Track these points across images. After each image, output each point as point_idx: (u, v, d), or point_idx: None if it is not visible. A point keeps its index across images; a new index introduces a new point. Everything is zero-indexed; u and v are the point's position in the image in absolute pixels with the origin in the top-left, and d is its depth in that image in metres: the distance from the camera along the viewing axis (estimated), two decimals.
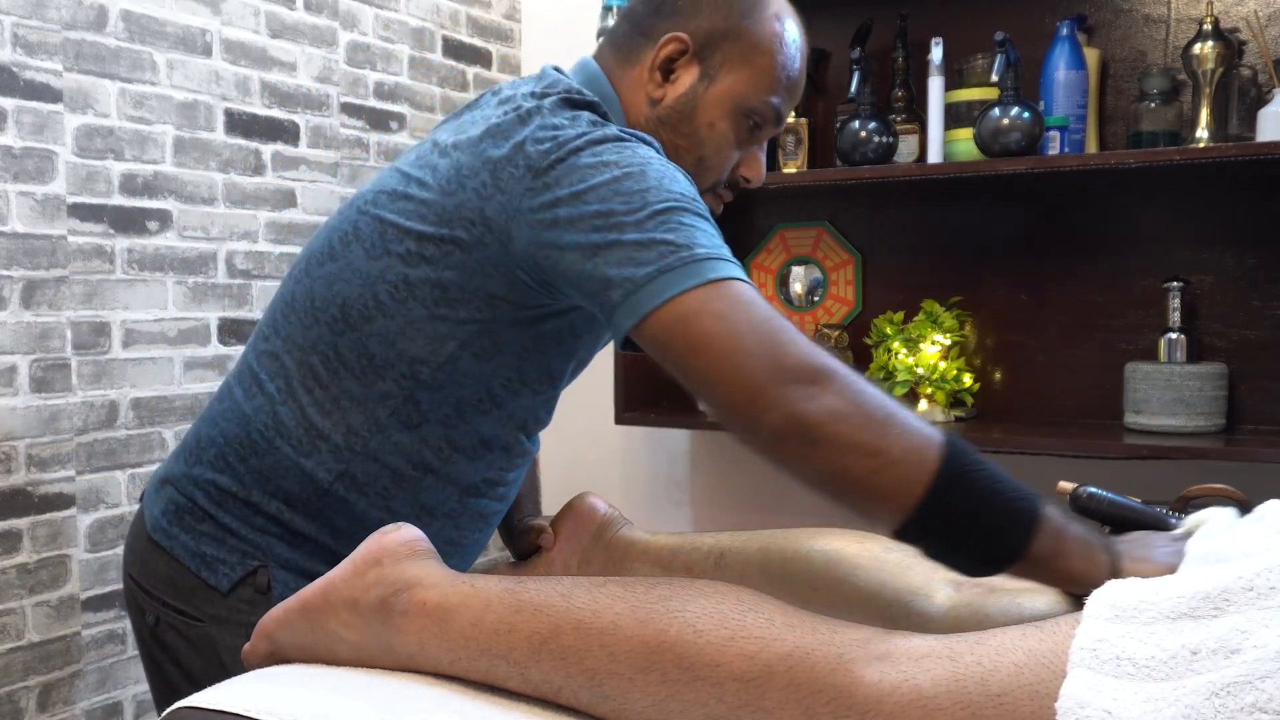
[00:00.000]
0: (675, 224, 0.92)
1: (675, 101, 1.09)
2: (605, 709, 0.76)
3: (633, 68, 1.11)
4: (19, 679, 1.61)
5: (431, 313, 1.03)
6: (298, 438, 1.08)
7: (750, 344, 0.88)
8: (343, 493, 1.08)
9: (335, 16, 2.06)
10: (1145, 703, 0.61)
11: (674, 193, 0.94)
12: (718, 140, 1.10)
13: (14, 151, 1.57)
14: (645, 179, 0.94)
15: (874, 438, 0.86)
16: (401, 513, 1.10)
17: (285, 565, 1.10)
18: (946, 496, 0.83)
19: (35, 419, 1.61)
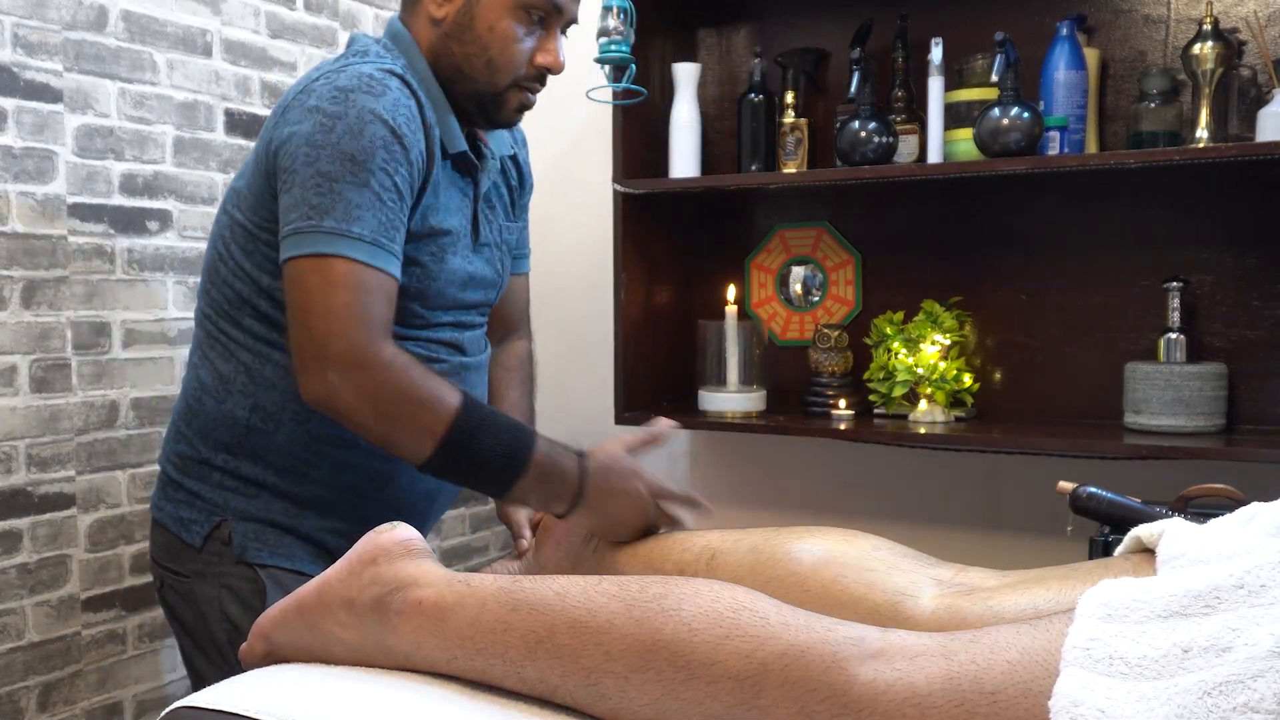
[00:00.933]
0: (327, 189, 1.09)
1: (454, 15, 1.22)
2: (601, 708, 0.76)
3: (423, 5, 1.24)
4: (19, 679, 1.61)
5: (243, 248, 1.22)
6: (214, 389, 1.26)
7: (314, 323, 1.08)
8: (260, 424, 1.23)
9: (335, 16, 2.06)
10: (1138, 702, 0.61)
11: (345, 154, 1.10)
12: (501, 40, 1.21)
13: (14, 151, 1.57)
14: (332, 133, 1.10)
15: (379, 430, 1.10)
16: (322, 435, 1.22)
17: (243, 516, 1.25)
18: (438, 472, 1.12)
19: (35, 419, 1.61)
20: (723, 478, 2.37)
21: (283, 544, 1.27)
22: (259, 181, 1.19)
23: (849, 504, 2.21)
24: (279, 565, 1.26)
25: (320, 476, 1.26)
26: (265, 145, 1.19)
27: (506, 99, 1.25)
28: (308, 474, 1.25)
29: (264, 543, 1.26)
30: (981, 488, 2.10)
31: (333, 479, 1.26)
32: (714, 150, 2.27)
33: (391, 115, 1.13)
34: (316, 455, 1.25)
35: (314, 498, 1.26)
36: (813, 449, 2.24)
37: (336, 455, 1.25)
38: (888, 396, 2.02)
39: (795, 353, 2.25)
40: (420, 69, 1.24)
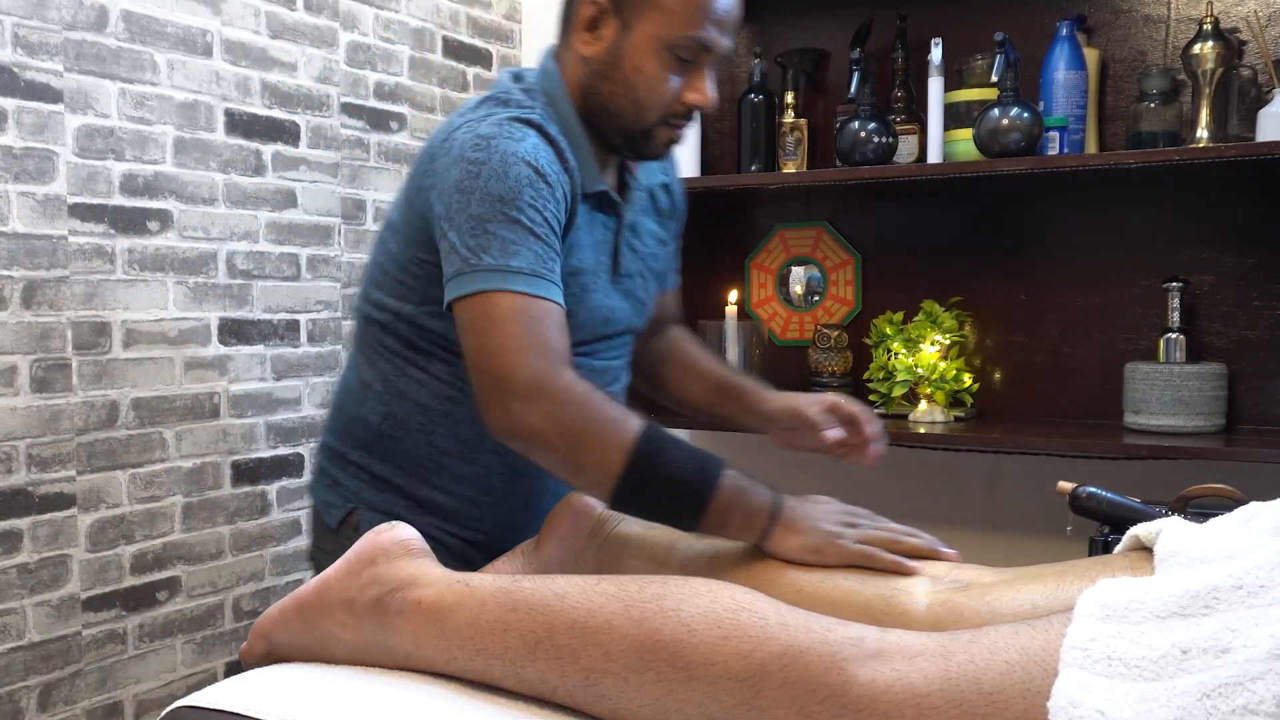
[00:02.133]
0: (480, 230, 1.12)
1: (603, 55, 1.22)
2: (601, 708, 0.76)
3: (569, 38, 1.25)
4: (19, 679, 1.61)
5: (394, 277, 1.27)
6: (355, 391, 1.33)
7: (492, 360, 1.10)
8: (390, 431, 1.29)
9: (335, 17, 2.06)
10: (1137, 703, 0.61)
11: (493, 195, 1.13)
12: (648, 81, 1.21)
13: (14, 152, 1.57)
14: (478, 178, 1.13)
15: (567, 453, 1.08)
16: (444, 447, 1.28)
17: (372, 507, 1.31)
18: (628, 493, 1.06)
19: (36, 419, 1.61)
20: None
21: None
22: (412, 218, 1.24)
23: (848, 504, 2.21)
24: None
25: (441, 484, 1.30)
26: (416, 190, 1.24)
27: (654, 135, 1.25)
28: (429, 479, 1.30)
29: None
30: (981, 488, 2.10)
31: (452, 488, 1.30)
32: (714, 150, 2.27)
33: (534, 157, 1.15)
34: (437, 465, 1.29)
35: (435, 503, 1.30)
36: None
37: (457, 468, 1.29)
38: (888, 397, 2.02)
39: (795, 353, 2.25)
40: (564, 109, 1.25)
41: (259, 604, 1.97)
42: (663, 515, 1.09)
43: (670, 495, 1.06)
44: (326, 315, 2.07)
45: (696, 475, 1.06)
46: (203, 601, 1.88)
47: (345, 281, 2.09)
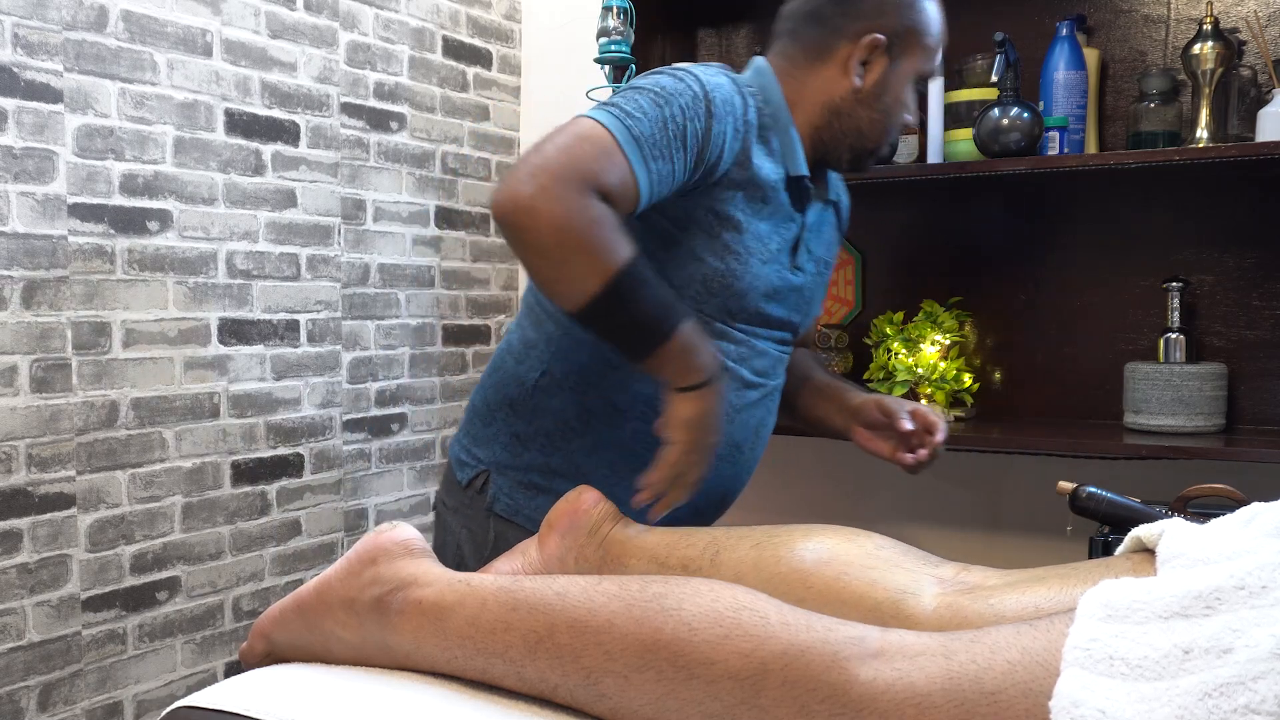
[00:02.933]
0: (630, 95, 1.20)
1: (872, 87, 1.35)
2: (602, 707, 0.76)
3: (821, 63, 1.35)
4: (19, 679, 1.61)
5: None
6: (518, 351, 1.38)
7: (549, 148, 1.12)
8: (545, 387, 1.34)
9: (335, 16, 2.06)
10: (1139, 703, 0.61)
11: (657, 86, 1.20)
12: (901, 108, 1.37)
13: (14, 151, 1.57)
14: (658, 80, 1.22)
15: (556, 255, 1.11)
16: (594, 409, 1.32)
17: (504, 470, 1.36)
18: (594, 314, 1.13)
19: (35, 419, 1.61)
20: None
21: (529, 506, 1.35)
22: None
23: (849, 504, 2.21)
24: (518, 523, 1.35)
25: (582, 446, 1.33)
26: None
27: (878, 151, 1.39)
28: (571, 441, 1.34)
29: (513, 500, 1.36)
30: (981, 488, 2.10)
31: (593, 452, 1.33)
32: None
33: (712, 88, 1.23)
34: (584, 425, 1.33)
35: (571, 467, 1.34)
36: (813, 449, 2.24)
37: (602, 432, 1.32)
38: None
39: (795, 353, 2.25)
40: (775, 101, 1.34)
41: (259, 604, 1.97)
42: (617, 342, 1.17)
43: (630, 328, 1.15)
44: (326, 315, 2.07)
45: (660, 318, 1.14)
46: (203, 601, 1.88)
47: (345, 281, 2.10)
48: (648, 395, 1.29)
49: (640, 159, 1.17)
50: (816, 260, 1.43)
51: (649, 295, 1.14)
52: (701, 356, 1.16)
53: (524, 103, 2.51)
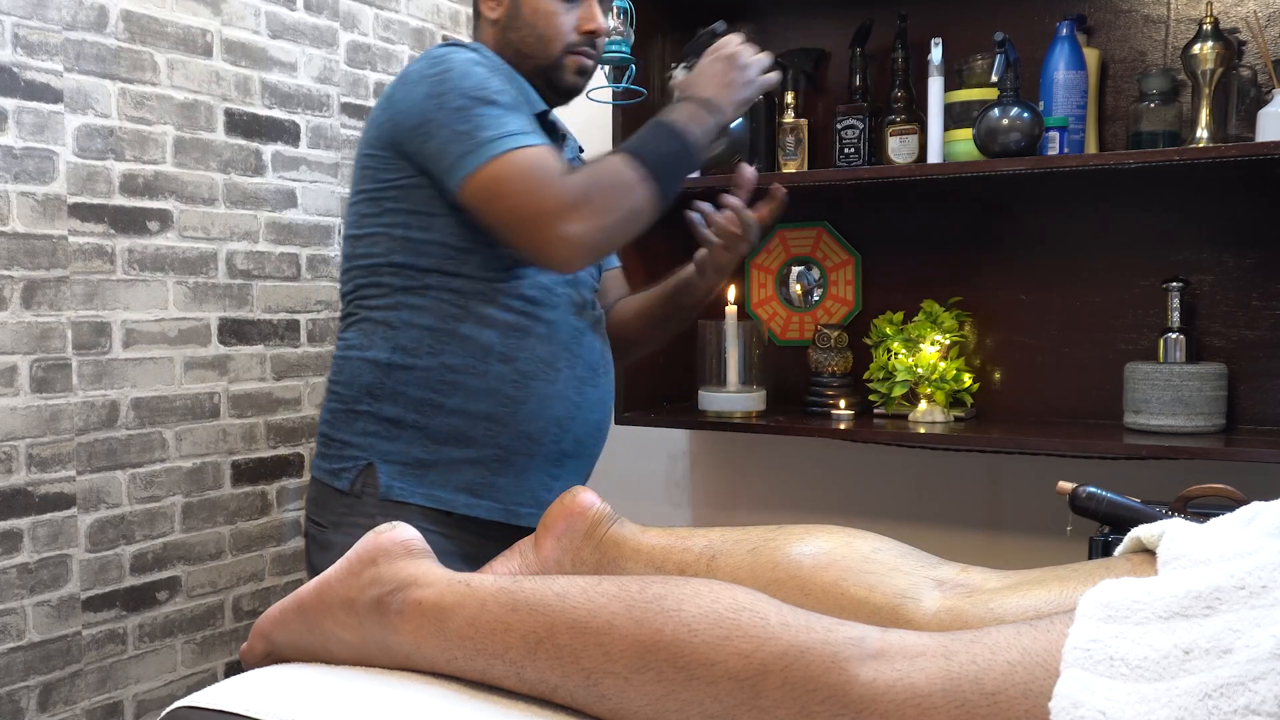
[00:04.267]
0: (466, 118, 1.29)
1: (505, 10, 1.46)
2: (602, 708, 0.76)
3: (477, 14, 1.50)
4: (19, 679, 1.61)
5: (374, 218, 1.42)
6: (357, 344, 1.40)
7: (523, 207, 1.26)
8: (400, 361, 1.36)
9: (335, 17, 2.06)
10: (1139, 703, 0.61)
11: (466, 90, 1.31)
12: (545, 17, 1.44)
13: (14, 151, 1.57)
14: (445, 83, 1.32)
15: (622, 221, 1.31)
16: (455, 365, 1.36)
17: (387, 459, 1.37)
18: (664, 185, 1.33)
19: (36, 419, 1.61)
20: (723, 478, 2.37)
21: (424, 481, 1.37)
22: (380, 154, 1.38)
23: (849, 504, 2.21)
24: (420, 503, 1.37)
25: (455, 405, 1.36)
26: (378, 129, 1.39)
27: (564, 64, 1.46)
28: (443, 404, 1.36)
29: (404, 483, 1.37)
30: (981, 488, 2.10)
31: (467, 406, 1.36)
32: None
33: (485, 62, 1.36)
34: (450, 385, 1.36)
35: (450, 430, 1.37)
36: (813, 449, 2.24)
37: (470, 383, 1.36)
38: (888, 396, 2.02)
39: (795, 353, 2.25)
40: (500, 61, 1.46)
41: (259, 604, 1.97)
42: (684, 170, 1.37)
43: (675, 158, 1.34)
44: (326, 315, 2.07)
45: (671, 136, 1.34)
46: (203, 601, 1.88)
47: None
48: (499, 338, 1.36)
49: (538, 136, 1.31)
50: None
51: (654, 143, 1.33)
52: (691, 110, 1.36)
53: None
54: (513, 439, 1.38)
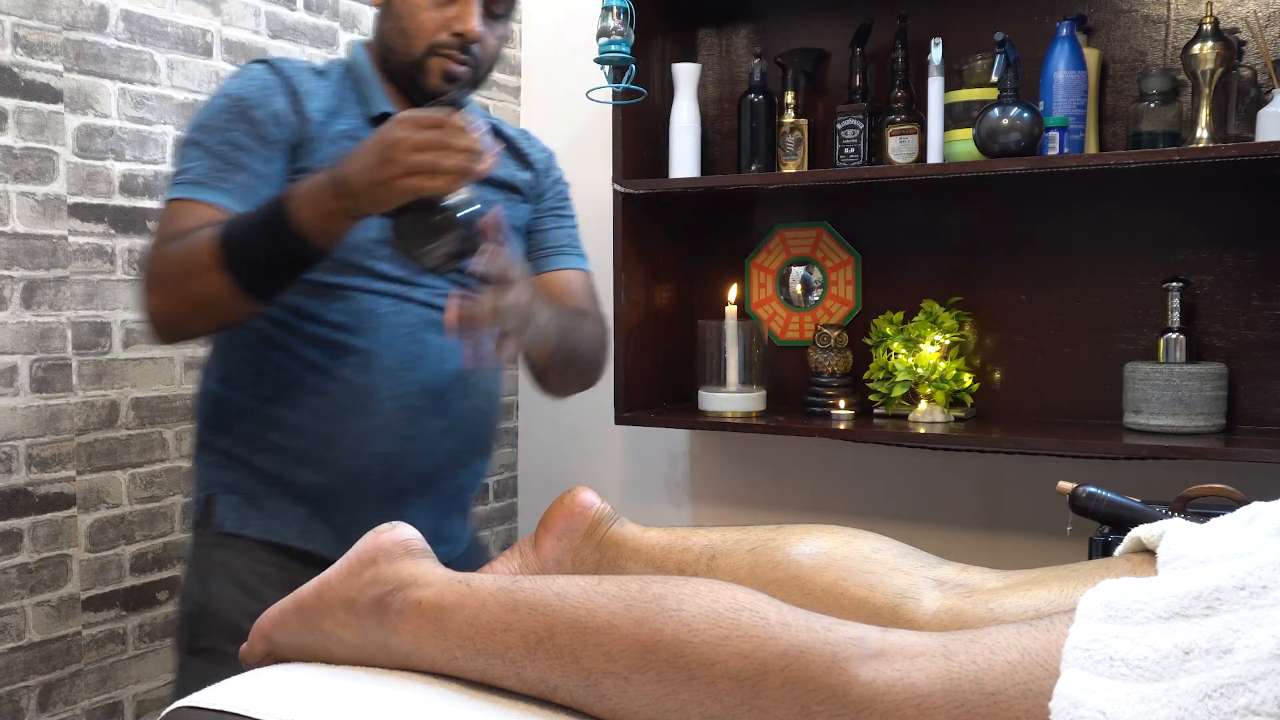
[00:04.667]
0: (178, 154, 1.28)
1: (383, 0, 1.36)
2: (602, 708, 0.76)
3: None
4: (19, 679, 1.61)
5: None
6: (204, 370, 1.40)
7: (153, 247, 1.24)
8: (226, 395, 1.34)
9: (335, 17, 2.06)
10: (1139, 704, 0.61)
11: (194, 124, 1.29)
12: (411, 10, 1.33)
13: (14, 151, 1.57)
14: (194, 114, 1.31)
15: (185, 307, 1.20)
16: (270, 395, 1.31)
17: (225, 488, 1.34)
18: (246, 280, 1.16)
19: (35, 419, 1.61)
20: (723, 478, 2.37)
21: (260, 514, 1.33)
22: None
23: (849, 504, 2.21)
24: (255, 535, 1.33)
25: (277, 442, 1.32)
26: None
27: (427, 66, 1.34)
28: (266, 440, 1.32)
29: (240, 513, 1.34)
30: (981, 488, 2.10)
31: (286, 444, 1.32)
32: (714, 150, 2.27)
33: (237, 90, 1.29)
34: (269, 421, 1.32)
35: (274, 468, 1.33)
36: (813, 449, 2.24)
37: (286, 415, 1.31)
38: (887, 396, 2.02)
39: (795, 353, 2.25)
40: (359, 60, 1.40)
41: None
42: (280, 264, 1.17)
43: (265, 246, 1.15)
44: None
45: (269, 219, 1.15)
46: None
47: None
48: (306, 371, 1.30)
49: (212, 190, 1.23)
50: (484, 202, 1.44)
51: (246, 222, 1.17)
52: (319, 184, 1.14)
53: (524, 103, 2.51)
54: (334, 478, 1.31)
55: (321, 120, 1.31)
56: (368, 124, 1.34)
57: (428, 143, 1.08)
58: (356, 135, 1.30)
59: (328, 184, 1.12)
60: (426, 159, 1.08)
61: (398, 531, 0.92)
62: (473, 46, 1.33)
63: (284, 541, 1.32)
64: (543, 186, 1.57)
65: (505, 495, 2.51)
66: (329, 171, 1.14)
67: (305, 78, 1.34)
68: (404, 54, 1.34)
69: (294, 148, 1.29)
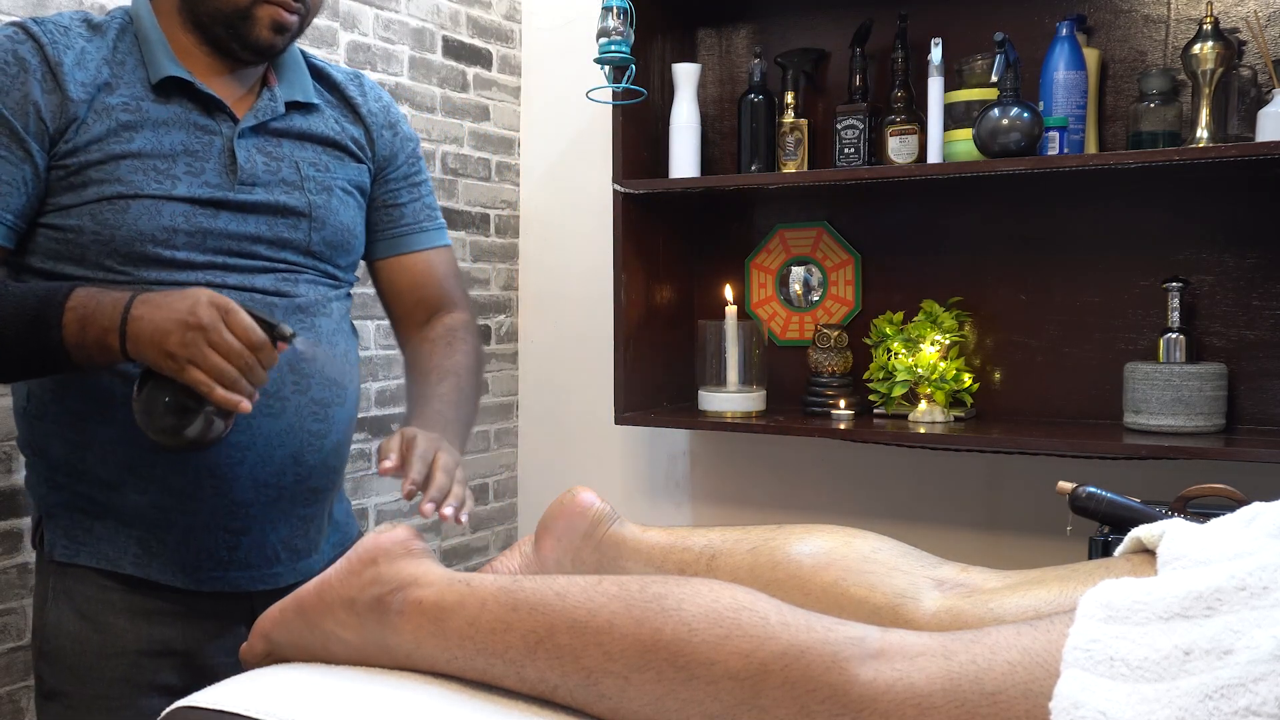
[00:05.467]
0: None
1: None
2: (602, 708, 0.76)
3: None
4: (19, 679, 1.61)
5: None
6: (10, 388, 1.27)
7: None
8: (33, 411, 1.20)
9: (335, 17, 2.06)
10: (1140, 704, 0.61)
11: None
12: None
13: None
14: None
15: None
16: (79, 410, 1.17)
17: (50, 512, 1.22)
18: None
19: None
20: (723, 478, 2.37)
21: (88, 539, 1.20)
22: None
23: (849, 504, 2.21)
24: (80, 563, 1.20)
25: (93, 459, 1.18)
26: None
27: (255, 15, 1.17)
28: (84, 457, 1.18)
29: (70, 541, 1.21)
30: (981, 488, 2.10)
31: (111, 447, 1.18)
32: (714, 150, 2.27)
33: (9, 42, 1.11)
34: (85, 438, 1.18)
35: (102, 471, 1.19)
36: (813, 449, 2.24)
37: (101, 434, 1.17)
38: (887, 396, 2.02)
39: (795, 353, 2.25)
40: (141, 9, 1.20)
41: None
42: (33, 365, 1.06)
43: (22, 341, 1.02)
44: None
45: (36, 313, 1.02)
46: None
47: None
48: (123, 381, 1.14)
49: None
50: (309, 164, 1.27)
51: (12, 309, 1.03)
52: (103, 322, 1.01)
53: (524, 103, 2.51)
54: (161, 496, 1.17)
55: (88, 97, 1.13)
56: (150, 92, 1.16)
57: (235, 355, 1.00)
58: (136, 107, 1.15)
59: (110, 314, 1.02)
60: (222, 368, 1.00)
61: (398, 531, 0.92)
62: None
63: (119, 569, 1.19)
64: (391, 147, 1.39)
65: (505, 495, 2.51)
66: (118, 299, 1.03)
67: (70, 40, 1.14)
68: (224, 1, 1.16)
69: (57, 132, 1.11)
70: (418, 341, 1.39)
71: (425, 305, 1.41)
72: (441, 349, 1.36)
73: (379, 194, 1.39)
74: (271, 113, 1.24)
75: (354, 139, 1.34)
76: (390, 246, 1.40)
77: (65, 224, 1.13)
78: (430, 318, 1.41)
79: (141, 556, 1.20)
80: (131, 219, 1.12)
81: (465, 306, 1.44)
